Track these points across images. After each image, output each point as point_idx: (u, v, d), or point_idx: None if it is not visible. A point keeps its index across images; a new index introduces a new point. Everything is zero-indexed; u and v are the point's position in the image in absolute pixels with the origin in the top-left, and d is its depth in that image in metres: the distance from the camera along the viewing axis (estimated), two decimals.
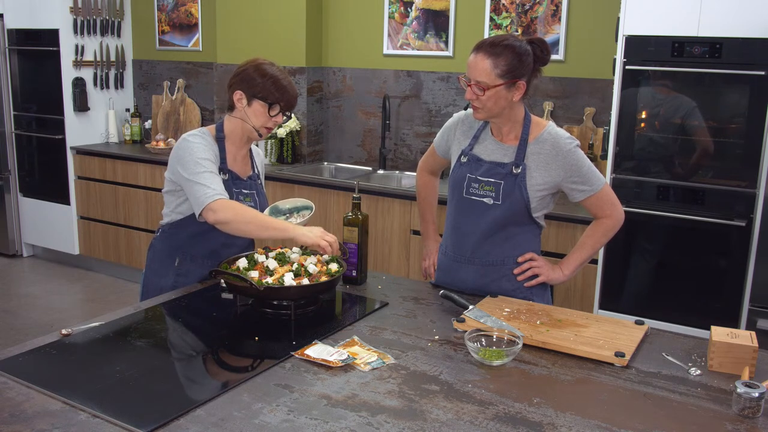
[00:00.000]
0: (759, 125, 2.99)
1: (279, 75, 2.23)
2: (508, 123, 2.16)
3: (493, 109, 2.09)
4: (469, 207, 2.21)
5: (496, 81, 2.04)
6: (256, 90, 2.21)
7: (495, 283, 2.22)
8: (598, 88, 3.88)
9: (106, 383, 1.56)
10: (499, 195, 2.15)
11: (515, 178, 2.13)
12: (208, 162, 2.15)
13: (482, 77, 2.04)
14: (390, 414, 1.47)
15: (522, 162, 2.13)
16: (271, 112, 2.23)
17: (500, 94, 2.06)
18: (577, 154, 2.12)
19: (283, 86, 2.22)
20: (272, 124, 2.26)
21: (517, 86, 2.07)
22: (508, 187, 2.14)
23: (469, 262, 2.24)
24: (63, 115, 5.28)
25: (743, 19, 2.95)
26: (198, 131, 2.26)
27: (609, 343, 1.81)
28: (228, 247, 2.31)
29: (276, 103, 2.22)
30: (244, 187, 2.30)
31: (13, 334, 4.20)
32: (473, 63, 2.06)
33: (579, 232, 3.42)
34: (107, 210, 5.19)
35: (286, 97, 2.24)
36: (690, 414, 1.51)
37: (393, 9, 4.51)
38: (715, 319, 2.58)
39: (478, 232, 2.20)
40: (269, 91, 2.21)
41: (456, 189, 2.24)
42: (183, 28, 5.42)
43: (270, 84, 2.21)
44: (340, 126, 4.86)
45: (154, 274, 2.33)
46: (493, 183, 2.15)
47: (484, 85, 2.04)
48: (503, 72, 2.03)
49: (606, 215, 2.21)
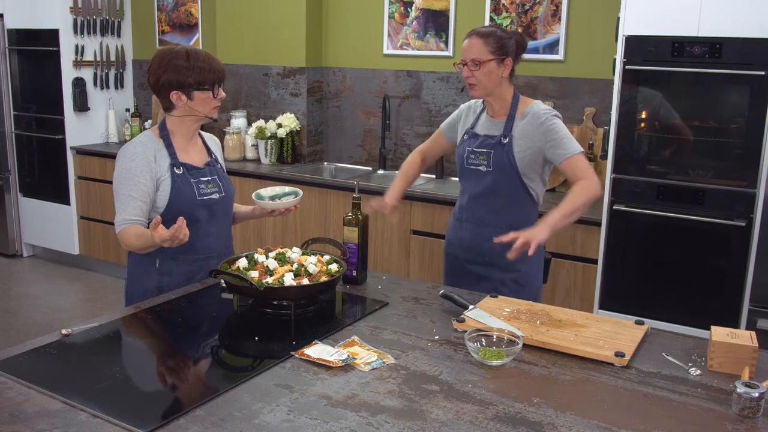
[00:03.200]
0: (759, 125, 2.99)
1: (199, 55, 2.22)
2: (499, 101, 2.48)
3: (488, 84, 2.41)
4: (469, 175, 2.53)
5: (488, 56, 2.38)
6: (190, 83, 2.20)
7: (488, 243, 2.42)
8: (598, 88, 3.88)
9: (106, 383, 1.56)
10: (490, 162, 2.45)
11: (503, 147, 2.44)
12: (128, 183, 2.20)
13: (476, 54, 2.38)
14: (390, 414, 1.47)
15: (509, 133, 2.44)
16: (215, 93, 2.24)
17: (492, 70, 2.39)
18: (553, 122, 2.40)
19: (209, 64, 2.22)
20: (218, 102, 2.28)
21: (506, 63, 2.42)
22: (497, 155, 2.44)
23: (468, 221, 2.55)
24: (63, 115, 5.28)
25: (743, 19, 2.95)
26: (139, 138, 2.29)
27: (609, 343, 1.81)
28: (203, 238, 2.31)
29: (215, 83, 2.24)
30: (202, 175, 2.30)
31: (13, 334, 4.20)
32: (468, 45, 2.41)
33: (580, 231, 3.43)
34: (107, 210, 5.19)
35: (218, 71, 2.24)
36: (690, 414, 1.51)
37: (393, 9, 4.51)
38: (715, 319, 2.57)
39: (477, 195, 2.52)
40: (203, 77, 2.21)
41: (460, 162, 2.57)
42: (183, 28, 5.42)
43: (199, 71, 2.20)
44: (340, 126, 4.86)
45: (137, 279, 2.31)
46: (485, 153, 2.47)
47: (478, 60, 2.38)
48: (494, 49, 2.39)
49: (582, 177, 2.36)
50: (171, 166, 2.24)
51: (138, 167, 2.20)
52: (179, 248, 2.23)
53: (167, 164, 2.24)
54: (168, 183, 2.22)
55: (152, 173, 2.21)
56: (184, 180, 2.25)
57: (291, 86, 4.78)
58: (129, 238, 2.16)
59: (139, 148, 2.24)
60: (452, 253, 2.63)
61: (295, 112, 4.77)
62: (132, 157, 2.22)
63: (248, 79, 4.96)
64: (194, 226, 2.23)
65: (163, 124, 2.31)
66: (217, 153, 2.46)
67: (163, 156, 2.25)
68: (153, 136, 2.29)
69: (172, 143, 2.28)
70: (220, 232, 2.37)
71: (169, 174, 2.23)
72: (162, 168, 2.23)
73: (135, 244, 2.16)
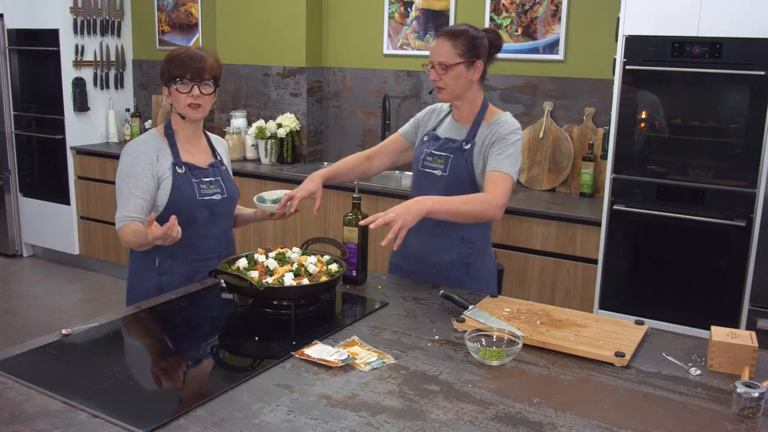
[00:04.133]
0: (759, 125, 2.99)
1: (178, 52, 2.23)
2: (467, 106, 2.36)
3: (456, 88, 2.29)
4: (422, 178, 2.41)
5: (456, 60, 2.26)
6: (165, 78, 2.23)
7: (435, 253, 2.35)
8: (598, 88, 3.88)
9: (106, 383, 1.56)
10: (447, 167, 2.34)
11: (463, 153, 2.32)
12: (130, 180, 2.21)
13: (444, 57, 2.26)
14: (390, 414, 1.47)
15: (472, 139, 2.33)
16: (181, 89, 2.21)
17: (461, 73, 2.27)
18: (513, 137, 2.27)
19: (180, 58, 2.21)
20: (192, 99, 2.22)
21: (476, 66, 2.29)
22: (456, 160, 2.33)
23: (417, 230, 2.23)
24: (63, 115, 5.28)
25: (743, 19, 2.95)
26: (143, 136, 2.31)
27: (609, 343, 1.81)
28: (204, 239, 2.31)
29: (183, 78, 2.21)
30: (204, 175, 2.31)
31: (13, 334, 4.20)
32: (435, 47, 2.29)
33: (579, 232, 3.43)
34: (107, 210, 5.19)
35: (191, 68, 2.20)
36: (690, 414, 1.51)
37: (393, 9, 4.51)
38: (715, 319, 2.57)
39: None
40: (173, 71, 2.21)
41: (415, 164, 2.45)
42: (183, 28, 5.42)
43: (173, 64, 2.21)
44: (340, 126, 4.86)
45: (137, 278, 2.33)
46: (444, 156, 2.35)
47: (446, 64, 2.26)
48: (462, 52, 2.26)
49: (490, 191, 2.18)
50: (173, 165, 2.25)
51: (140, 165, 2.22)
52: (179, 248, 2.24)
53: (169, 163, 2.25)
54: (169, 182, 2.23)
55: (154, 171, 2.22)
56: (186, 179, 2.25)
57: (291, 86, 4.78)
58: (127, 234, 2.17)
59: (142, 146, 2.25)
60: (396, 263, 2.51)
61: (295, 112, 4.77)
62: (135, 155, 2.24)
63: (248, 79, 4.96)
64: (194, 226, 2.24)
65: (169, 123, 2.33)
66: (223, 155, 2.46)
67: (165, 155, 2.26)
68: (157, 135, 2.30)
69: (176, 142, 2.29)
70: (221, 233, 2.37)
71: (171, 173, 2.24)
72: (164, 167, 2.24)
73: (132, 241, 2.17)
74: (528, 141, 4.03)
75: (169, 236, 1.98)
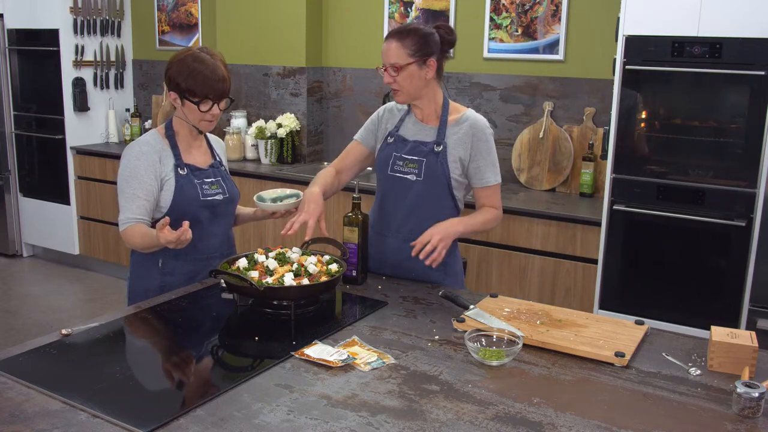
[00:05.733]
0: (759, 125, 2.98)
1: (200, 67, 2.16)
2: (428, 104, 2.33)
3: (411, 89, 2.26)
4: (393, 184, 2.35)
5: (407, 60, 2.22)
6: (182, 89, 2.18)
7: (412, 259, 2.24)
8: (598, 88, 3.88)
9: (106, 383, 1.56)
10: (421, 172, 2.30)
11: (437, 156, 2.29)
12: (133, 182, 2.19)
13: (394, 59, 2.23)
14: (390, 414, 1.47)
15: (443, 141, 2.30)
16: (202, 107, 2.19)
17: (413, 73, 2.24)
18: (491, 141, 2.31)
19: (203, 76, 2.15)
20: (210, 117, 2.22)
21: (428, 64, 2.25)
22: (430, 164, 2.29)
23: (393, 236, 2.37)
24: (63, 115, 5.28)
25: (743, 19, 2.95)
26: (144, 137, 2.29)
27: (609, 343, 1.81)
28: (206, 239, 2.31)
29: (204, 98, 2.18)
30: (205, 176, 2.31)
31: (13, 334, 4.20)
32: (385, 49, 2.25)
33: (579, 232, 3.43)
34: (107, 210, 5.19)
35: (214, 89, 2.17)
36: (690, 414, 1.51)
37: (393, 9, 4.51)
38: (715, 319, 2.58)
39: (403, 207, 2.35)
40: (195, 88, 2.16)
41: (382, 168, 2.38)
42: (183, 28, 5.42)
43: (193, 80, 2.16)
44: (340, 126, 4.86)
45: (139, 278, 2.32)
46: (417, 160, 2.31)
47: (397, 66, 2.22)
48: (413, 51, 2.22)
49: (495, 206, 2.36)
50: (175, 167, 2.25)
51: (143, 166, 2.21)
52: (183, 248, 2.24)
53: (171, 164, 2.25)
54: (172, 183, 2.23)
55: (156, 173, 2.22)
56: (188, 181, 2.25)
57: (291, 86, 4.78)
58: (133, 237, 2.16)
59: (144, 148, 2.25)
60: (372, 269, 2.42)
61: (295, 112, 4.77)
62: (137, 156, 2.23)
63: (248, 79, 4.96)
64: (197, 226, 2.24)
65: (170, 123, 2.31)
66: (221, 155, 2.46)
67: (167, 156, 2.25)
68: (158, 136, 2.29)
69: (177, 144, 2.29)
70: (222, 233, 2.38)
71: (173, 174, 2.24)
72: (166, 168, 2.24)
73: (139, 243, 2.16)
74: (528, 141, 4.03)
75: (181, 241, 1.98)
